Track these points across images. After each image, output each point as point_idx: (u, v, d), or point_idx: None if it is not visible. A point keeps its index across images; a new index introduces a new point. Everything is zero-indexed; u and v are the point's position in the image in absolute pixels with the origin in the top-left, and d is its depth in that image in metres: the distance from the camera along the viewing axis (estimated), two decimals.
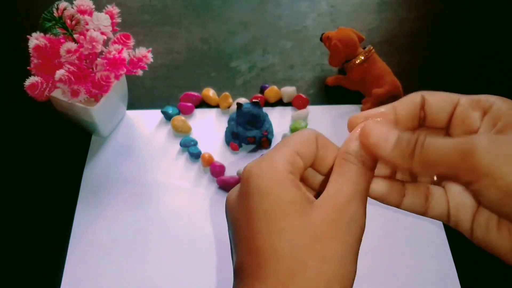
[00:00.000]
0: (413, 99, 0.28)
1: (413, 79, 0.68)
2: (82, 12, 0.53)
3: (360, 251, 0.26)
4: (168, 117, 0.63)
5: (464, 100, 0.27)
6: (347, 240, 0.25)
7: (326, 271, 0.24)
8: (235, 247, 0.27)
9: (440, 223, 0.55)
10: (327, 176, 0.28)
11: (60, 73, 0.50)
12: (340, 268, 0.25)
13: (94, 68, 0.53)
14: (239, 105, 0.59)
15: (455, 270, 0.52)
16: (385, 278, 0.52)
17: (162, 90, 0.67)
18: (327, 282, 0.24)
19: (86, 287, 0.51)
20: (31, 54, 0.52)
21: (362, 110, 0.64)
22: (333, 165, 0.28)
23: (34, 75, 0.53)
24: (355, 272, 0.26)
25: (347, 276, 0.25)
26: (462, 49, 0.74)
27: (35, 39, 0.51)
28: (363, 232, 0.26)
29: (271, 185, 0.26)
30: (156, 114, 0.64)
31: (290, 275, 0.25)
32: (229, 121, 0.61)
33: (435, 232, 0.55)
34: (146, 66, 0.56)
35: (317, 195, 0.27)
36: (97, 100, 0.56)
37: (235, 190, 0.28)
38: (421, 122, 0.28)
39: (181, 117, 0.63)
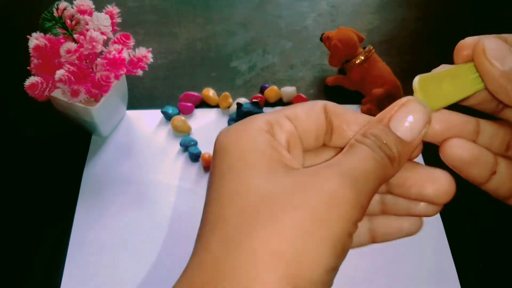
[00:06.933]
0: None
1: (413, 79, 0.68)
2: (82, 12, 0.53)
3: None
4: (168, 117, 0.63)
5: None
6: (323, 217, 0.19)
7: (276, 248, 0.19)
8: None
9: (440, 223, 0.55)
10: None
11: (60, 73, 0.50)
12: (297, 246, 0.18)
13: (94, 68, 0.53)
14: (239, 105, 0.59)
15: (455, 270, 0.52)
16: (385, 278, 0.52)
17: (162, 90, 0.67)
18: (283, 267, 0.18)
19: (86, 287, 0.51)
20: (31, 54, 0.52)
21: (362, 110, 0.64)
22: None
23: (34, 75, 0.53)
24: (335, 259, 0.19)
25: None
26: None
27: (35, 39, 0.51)
28: (348, 221, 0.20)
29: (235, 141, 0.21)
30: (156, 114, 0.64)
31: (227, 244, 0.19)
32: (229, 121, 0.61)
33: (435, 232, 0.54)
34: (146, 66, 0.56)
35: None
36: (97, 100, 0.56)
37: None
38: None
39: (181, 117, 0.63)
